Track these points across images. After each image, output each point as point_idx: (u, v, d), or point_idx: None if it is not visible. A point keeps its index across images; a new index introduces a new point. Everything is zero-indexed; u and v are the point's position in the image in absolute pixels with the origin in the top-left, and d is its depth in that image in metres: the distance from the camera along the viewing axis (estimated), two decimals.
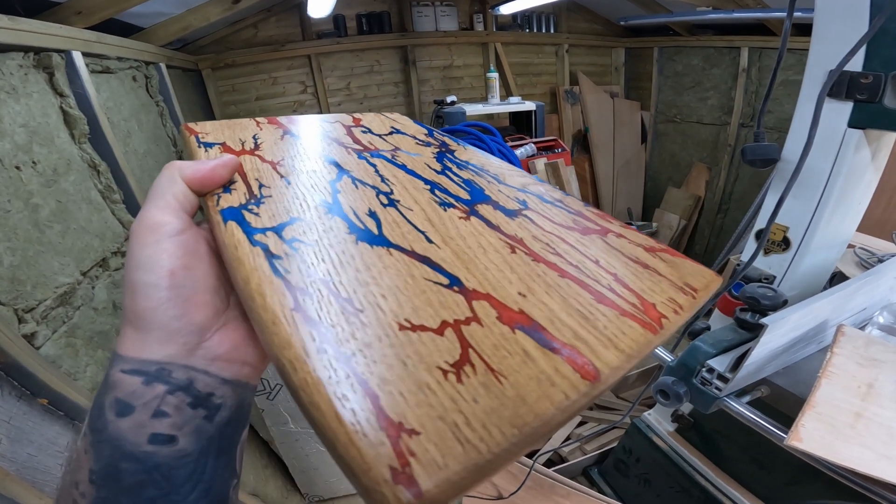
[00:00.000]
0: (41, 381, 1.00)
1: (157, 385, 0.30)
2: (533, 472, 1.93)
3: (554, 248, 0.40)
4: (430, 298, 0.32)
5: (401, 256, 0.36)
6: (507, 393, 0.25)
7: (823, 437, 0.90)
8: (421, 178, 0.49)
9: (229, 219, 0.36)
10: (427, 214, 0.42)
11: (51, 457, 0.99)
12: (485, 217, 0.43)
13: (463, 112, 3.31)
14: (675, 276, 0.41)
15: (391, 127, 0.67)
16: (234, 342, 0.34)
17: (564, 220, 0.45)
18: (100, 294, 1.35)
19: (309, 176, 0.46)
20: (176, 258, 0.32)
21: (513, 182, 0.51)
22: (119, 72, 1.99)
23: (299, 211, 0.39)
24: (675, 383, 1.17)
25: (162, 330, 0.30)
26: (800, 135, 1.16)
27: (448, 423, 0.23)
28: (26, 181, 1.18)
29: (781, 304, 1.14)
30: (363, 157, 0.53)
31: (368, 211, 0.41)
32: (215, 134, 0.55)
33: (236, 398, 0.34)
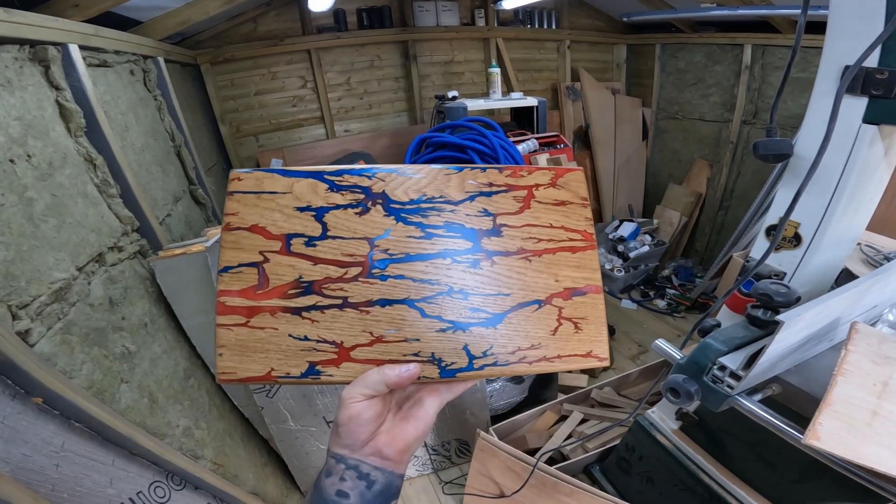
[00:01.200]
0: (35, 380, 0.97)
1: (341, 464, 0.57)
2: (536, 470, 1.91)
3: (534, 236, 0.67)
4: (538, 317, 0.65)
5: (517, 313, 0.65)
6: (587, 325, 0.66)
7: (841, 435, 0.89)
8: (435, 257, 0.65)
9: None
10: (482, 279, 0.65)
11: (46, 457, 0.97)
12: (494, 251, 0.66)
13: (464, 107, 3.28)
14: (572, 196, 0.70)
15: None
16: (378, 447, 0.57)
17: (511, 204, 0.68)
18: (96, 290, 1.33)
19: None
20: (355, 413, 0.56)
21: (456, 193, 0.67)
22: (116, 65, 1.96)
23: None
24: (686, 381, 1.15)
25: (343, 439, 0.57)
26: (814, 130, 1.17)
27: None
28: (20, 175, 1.16)
29: (795, 301, 1.12)
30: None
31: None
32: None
33: (385, 479, 0.58)
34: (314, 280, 0.62)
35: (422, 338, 0.62)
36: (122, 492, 1.15)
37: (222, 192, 3.35)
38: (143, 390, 1.39)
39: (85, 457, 1.08)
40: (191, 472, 1.38)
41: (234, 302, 0.61)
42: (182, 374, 1.66)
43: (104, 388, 1.23)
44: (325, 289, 0.62)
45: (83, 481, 1.05)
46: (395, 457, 0.58)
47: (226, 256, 0.62)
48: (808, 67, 3.31)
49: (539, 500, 1.97)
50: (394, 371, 0.58)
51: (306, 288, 0.62)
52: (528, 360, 0.64)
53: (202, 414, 1.69)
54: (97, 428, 1.12)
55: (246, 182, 0.64)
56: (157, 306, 1.66)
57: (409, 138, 3.18)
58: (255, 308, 0.61)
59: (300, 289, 0.62)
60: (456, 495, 2.34)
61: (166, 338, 1.64)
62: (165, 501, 1.28)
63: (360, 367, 0.61)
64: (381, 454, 0.58)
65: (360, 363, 0.61)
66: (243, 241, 0.62)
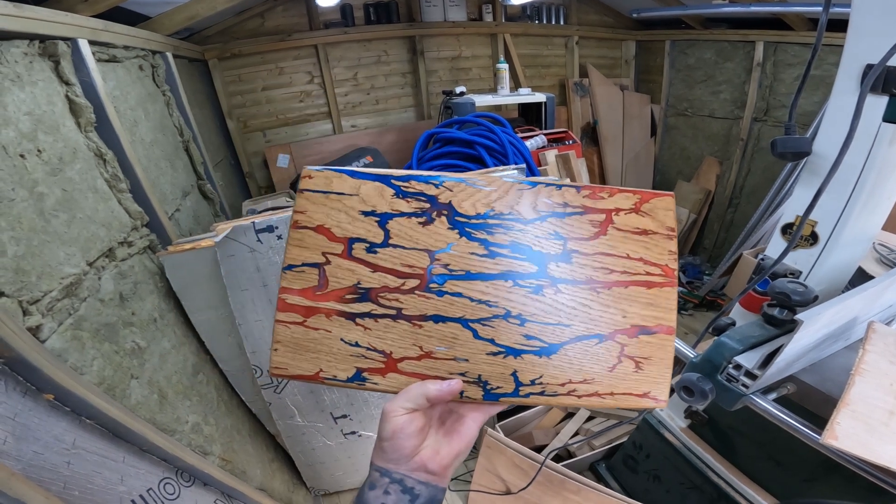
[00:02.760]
0: (47, 376, 0.96)
1: (385, 478, 0.57)
2: (543, 467, 1.90)
3: (607, 267, 0.64)
4: (597, 352, 0.63)
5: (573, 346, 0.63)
6: (649, 365, 0.63)
7: (859, 435, 0.88)
8: (496, 278, 0.63)
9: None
10: (543, 307, 0.63)
11: (57, 454, 0.96)
12: (561, 279, 0.63)
13: (472, 103, 3.27)
14: (657, 225, 0.65)
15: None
16: (422, 462, 0.58)
17: (586, 229, 0.64)
18: (106, 285, 1.32)
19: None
20: (398, 427, 0.57)
21: (528, 211, 0.64)
22: (126, 61, 1.96)
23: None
24: (701, 379, 1.15)
25: (388, 454, 0.57)
26: (834, 128, 1.16)
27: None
28: (31, 169, 1.16)
29: (812, 300, 1.11)
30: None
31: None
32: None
33: (429, 493, 0.58)
34: (371, 287, 0.62)
35: (471, 359, 0.62)
36: (132, 489, 1.15)
37: (230, 187, 3.36)
38: (153, 386, 1.39)
39: (96, 454, 1.07)
40: (200, 468, 1.38)
41: (293, 300, 0.62)
42: (191, 370, 1.66)
43: (115, 384, 1.23)
44: (382, 298, 0.62)
45: (94, 478, 1.04)
46: (439, 471, 0.59)
47: (291, 254, 0.63)
48: (821, 65, 3.28)
49: (545, 498, 1.97)
50: (435, 385, 0.59)
51: (363, 295, 0.62)
52: (578, 394, 0.62)
53: (210, 410, 1.70)
54: (108, 425, 1.12)
55: (316, 180, 0.64)
56: (167, 301, 1.66)
57: (417, 134, 3.17)
58: (313, 308, 0.62)
59: (357, 295, 0.62)
60: (461, 492, 2.33)
61: (175, 333, 1.64)
62: (175, 498, 1.28)
63: (404, 380, 0.61)
64: (425, 468, 0.58)
65: (405, 375, 0.62)
66: (308, 240, 0.63)
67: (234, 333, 1.80)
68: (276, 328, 0.62)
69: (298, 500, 2.22)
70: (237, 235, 1.63)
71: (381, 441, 0.58)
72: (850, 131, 1.03)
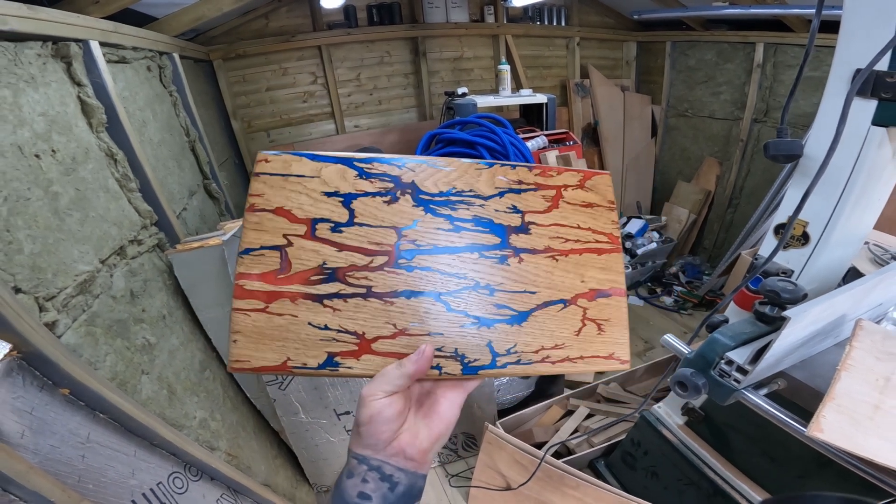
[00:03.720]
0: (63, 371, 0.99)
1: (363, 465, 0.55)
2: (543, 463, 1.94)
3: (562, 236, 0.68)
4: (563, 316, 0.66)
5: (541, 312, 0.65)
6: (610, 327, 0.67)
7: (844, 428, 0.91)
8: (463, 251, 0.64)
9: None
10: (509, 276, 0.65)
11: (72, 448, 0.99)
12: (522, 248, 0.66)
13: (474, 103, 3.30)
14: (600, 199, 0.72)
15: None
16: (401, 447, 0.56)
17: (540, 203, 0.68)
18: (118, 282, 1.36)
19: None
20: (376, 412, 0.55)
21: (486, 188, 0.67)
22: (134, 62, 1.99)
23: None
24: (694, 375, 1.18)
25: (365, 440, 0.56)
26: (824, 131, 1.18)
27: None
28: (46, 169, 1.20)
29: (801, 298, 1.14)
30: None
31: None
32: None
33: (408, 480, 0.57)
34: (338, 267, 0.60)
35: (446, 332, 0.61)
36: (143, 482, 1.17)
37: (235, 187, 3.38)
38: (163, 382, 1.43)
39: (109, 448, 1.10)
40: (207, 462, 1.41)
41: (253, 286, 0.59)
42: (198, 366, 1.69)
43: (126, 379, 1.26)
44: (350, 277, 0.60)
45: (107, 472, 1.07)
46: (418, 457, 0.57)
47: (248, 238, 0.60)
48: (819, 66, 3.31)
49: (545, 493, 2.00)
50: (410, 361, 0.58)
51: (330, 275, 0.60)
52: (552, 360, 0.64)
53: (217, 405, 1.73)
54: (121, 419, 1.15)
55: (273, 164, 0.62)
56: (175, 299, 1.69)
57: (419, 134, 3.20)
58: (276, 293, 0.59)
59: (323, 275, 0.60)
60: (462, 488, 2.37)
61: (183, 330, 1.68)
62: (183, 492, 1.31)
63: (380, 361, 0.59)
64: (404, 454, 0.57)
65: (381, 356, 0.60)
66: (267, 223, 0.60)
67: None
68: (233, 317, 0.58)
69: (301, 496, 2.24)
70: None
71: (359, 426, 0.56)
72: (836, 135, 1.06)
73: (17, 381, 0.91)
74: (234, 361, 0.58)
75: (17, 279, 1.00)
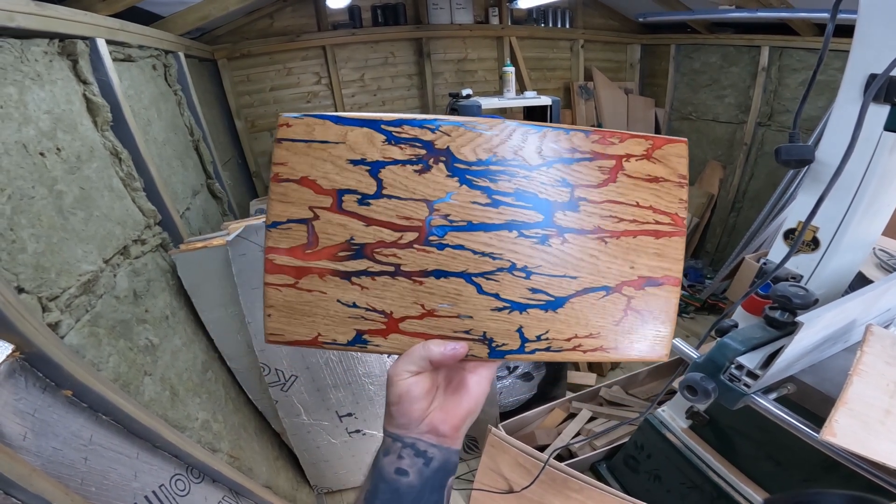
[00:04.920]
0: (66, 372, 0.98)
1: (397, 443, 0.56)
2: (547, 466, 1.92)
3: (615, 215, 0.59)
4: (603, 305, 0.59)
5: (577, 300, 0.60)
6: (653, 319, 0.60)
7: (856, 432, 0.91)
8: (500, 228, 0.58)
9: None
10: (549, 258, 0.58)
11: (75, 451, 0.98)
12: (568, 228, 0.58)
13: (479, 105, 3.28)
14: (669, 172, 0.60)
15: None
16: (433, 424, 0.57)
17: (595, 175, 0.59)
18: (121, 282, 1.35)
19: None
20: (404, 391, 0.55)
21: (533, 157, 0.59)
22: (140, 60, 1.99)
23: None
24: (704, 379, 1.17)
25: (397, 419, 0.56)
26: (837, 136, 1.18)
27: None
28: (50, 168, 1.19)
29: (812, 304, 1.14)
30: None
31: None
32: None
33: (442, 456, 0.57)
34: (366, 243, 0.57)
35: (475, 315, 0.58)
36: (145, 485, 1.16)
37: (238, 186, 3.38)
38: (165, 383, 1.42)
39: (112, 450, 1.09)
40: (209, 464, 1.40)
41: (282, 261, 0.57)
42: (200, 367, 1.69)
43: (129, 380, 1.25)
44: (378, 254, 0.57)
45: (110, 475, 1.06)
46: (450, 433, 0.58)
47: (275, 210, 0.57)
48: (826, 70, 3.29)
49: (547, 496, 1.98)
50: (438, 348, 0.56)
51: (357, 251, 0.57)
52: (583, 349, 0.60)
53: (219, 407, 1.73)
54: (123, 421, 1.14)
55: (295, 129, 0.57)
56: (178, 299, 1.69)
57: None
58: (304, 269, 0.57)
59: (351, 251, 0.57)
60: (464, 490, 2.35)
61: (186, 331, 1.67)
62: (185, 494, 1.30)
63: (407, 340, 0.58)
64: (436, 431, 0.57)
65: (408, 336, 0.58)
66: (293, 193, 0.57)
67: (243, 332, 1.83)
68: (266, 292, 0.58)
69: (302, 498, 2.24)
70: (249, 234, 1.66)
71: (389, 406, 0.57)
72: (851, 140, 1.05)
73: (19, 382, 0.90)
74: (269, 335, 0.59)
75: (20, 279, 0.99)
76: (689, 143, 0.62)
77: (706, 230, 4.63)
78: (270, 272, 0.58)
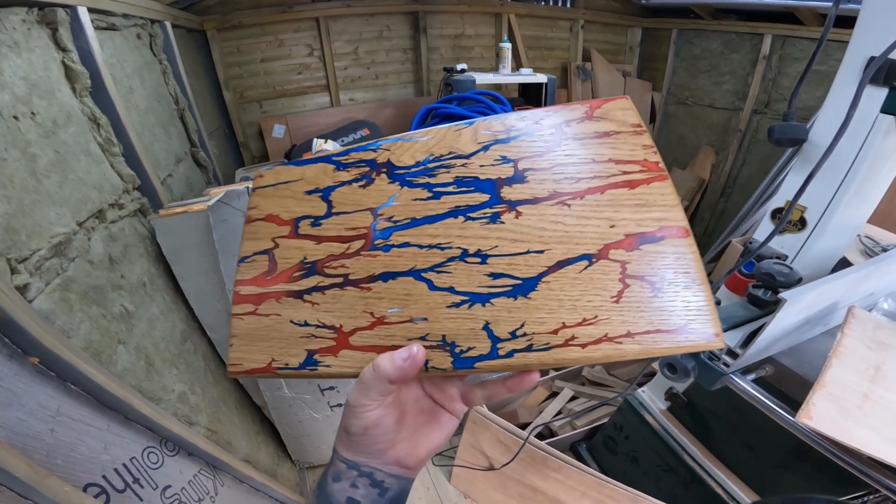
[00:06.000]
0: (33, 338, 0.94)
1: (353, 471, 0.51)
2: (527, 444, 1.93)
3: (570, 176, 0.53)
4: (589, 277, 0.49)
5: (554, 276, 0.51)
6: (670, 285, 0.48)
7: (833, 416, 0.90)
8: (445, 217, 0.55)
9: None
10: (505, 235, 0.53)
11: (41, 421, 0.94)
12: (518, 200, 0.53)
13: (473, 80, 3.23)
14: (619, 125, 0.54)
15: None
16: (398, 457, 0.53)
17: (535, 146, 0.55)
18: (96, 246, 1.32)
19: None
20: (372, 423, 0.50)
21: (468, 146, 0.57)
22: (124, 29, 1.94)
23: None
24: (684, 357, 1.16)
25: (360, 447, 0.51)
26: (831, 117, 1.17)
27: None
28: (24, 131, 1.15)
29: (796, 282, 1.13)
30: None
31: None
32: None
33: (399, 486, 0.53)
34: (317, 259, 0.58)
35: (430, 316, 0.52)
36: (115, 458, 1.13)
37: (224, 156, 3.34)
38: (140, 352, 1.39)
39: (80, 421, 1.06)
40: (185, 437, 1.38)
41: (246, 290, 0.59)
42: (179, 337, 1.66)
43: (101, 349, 1.22)
44: (327, 267, 0.57)
45: (78, 447, 1.02)
46: (414, 466, 0.54)
47: (244, 248, 0.61)
48: (826, 60, 3.28)
49: (527, 474, 2.00)
50: (387, 364, 0.49)
51: (309, 269, 0.58)
52: (581, 342, 0.48)
53: (197, 379, 1.70)
54: (94, 391, 1.10)
55: (266, 178, 0.63)
56: (157, 266, 1.66)
57: (415, 109, 3.15)
58: (264, 294, 0.58)
59: (304, 270, 0.58)
60: (445, 467, 2.36)
61: (164, 299, 1.65)
62: (158, 467, 1.27)
63: (359, 356, 0.54)
64: (400, 463, 0.53)
65: (359, 350, 0.54)
66: (260, 230, 0.61)
67: (224, 300, 1.80)
68: (232, 322, 0.58)
69: (283, 473, 2.24)
70: (230, 200, 1.62)
71: (349, 435, 0.51)
72: (846, 119, 1.05)
73: None
74: (230, 365, 0.58)
75: None
76: (677, 135, 0.60)
77: (695, 214, 4.65)
78: (236, 303, 0.59)
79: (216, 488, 1.48)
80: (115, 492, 1.08)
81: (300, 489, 2.29)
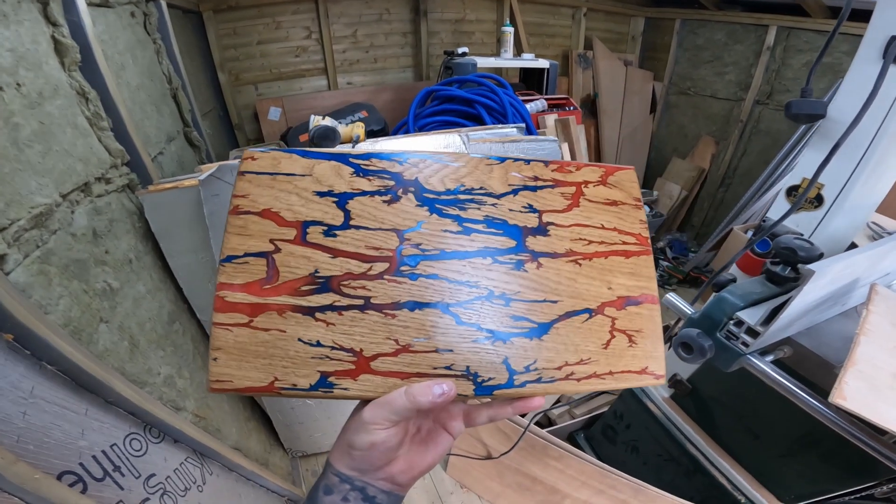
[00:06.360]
0: (7, 312, 0.88)
1: (346, 484, 0.52)
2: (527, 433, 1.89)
3: (584, 238, 0.61)
4: (588, 328, 0.58)
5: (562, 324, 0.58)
6: (642, 338, 0.60)
7: (865, 396, 0.86)
8: (474, 256, 0.58)
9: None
10: (527, 283, 0.58)
11: (12, 403, 0.88)
12: (541, 252, 0.59)
13: (474, 63, 3.18)
14: (625, 196, 0.64)
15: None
16: (391, 474, 0.53)
17: (559, 201, 0.62)
18: (79, 220, 1.27)
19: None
20: (378, 441, 0.50)
21: (499, 185, 0.61)
22: (118, 6, 1.89)
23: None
24: (700, 336, 1.12)
25: (357, 462, 0.52)
26: (851, 94, 1.18)
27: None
28: (8, 101, 1.10)
29: (817, 257, 1.09)
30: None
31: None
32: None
33: (390, 501, 0.53)
34: (332, 276, 0.54)
35: (455, 348, 0.54)
36: (94, 444, 1.06)
37: (218, 137, 3.27)
38: (124, 332, 1.33)
39: (56, 404, 0.99)
40: (171, 423, 1.31)
41: (235, 298, 0.53)
42: (166, 318, 1.61)
43: (81, 326, 1.16)
44: (345, 286, 0.54)
45: (52, 431, 0.95)
46: (406, 483, 0.55)
47: (230, 243, 0.54)
48: (832, 52, 3.27)
49: (526, 463, 1.96)
50: (426, 397, 0.50)
51: (323, 284, 0.54)
52: (577, 377, 0.57)
53: (185, 362, 1.65)
54: (71, 372, 1.03)
55: (261, 162, 0.57)
56: (144, 243, 1.59)
57: (414, 94, 3.11)
58: (261, 305, 0.53)
59: (315, 285, 0.54)
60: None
61: (152, 277, 1.59)
62: (142, 455, 1.20)
63: (380, 381, 0.53)
64: (393, 480, 0.53)
65: (381, 375, 0.53)
66: (252, 226, 0.55)
67: (214, 280, 1.74)
68: (214, 333, 0.52)
69: (275, 461, 2.19)
70: (223, 174, 1.56)
71: (351, 448, 0.52)
72: (869, 97, 1.05)
73: None
74: (214, 381, 0.51)
75: None
76: (677, 124, 0.59)
77: (694, 204, 4.65)
78: (221, 310, 0.53)
79: (204, 477, 1.43)
80: (93, 480, 1.01)
81: (292, 478, 2.26)
